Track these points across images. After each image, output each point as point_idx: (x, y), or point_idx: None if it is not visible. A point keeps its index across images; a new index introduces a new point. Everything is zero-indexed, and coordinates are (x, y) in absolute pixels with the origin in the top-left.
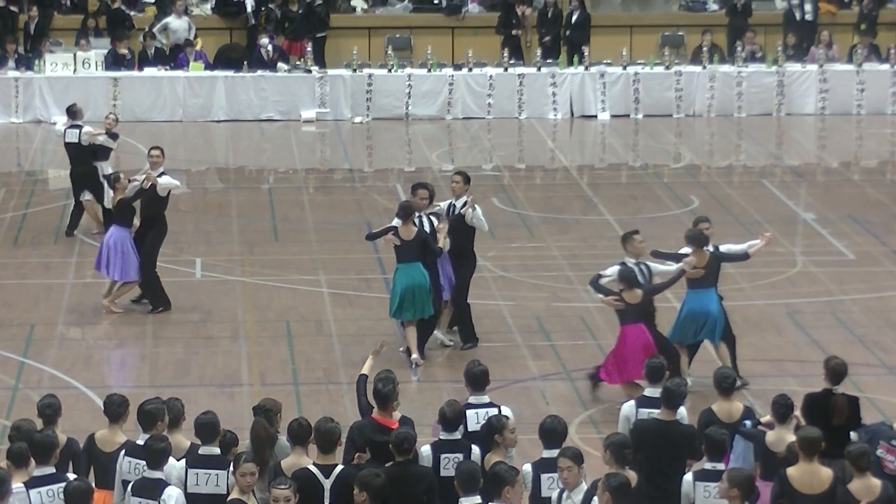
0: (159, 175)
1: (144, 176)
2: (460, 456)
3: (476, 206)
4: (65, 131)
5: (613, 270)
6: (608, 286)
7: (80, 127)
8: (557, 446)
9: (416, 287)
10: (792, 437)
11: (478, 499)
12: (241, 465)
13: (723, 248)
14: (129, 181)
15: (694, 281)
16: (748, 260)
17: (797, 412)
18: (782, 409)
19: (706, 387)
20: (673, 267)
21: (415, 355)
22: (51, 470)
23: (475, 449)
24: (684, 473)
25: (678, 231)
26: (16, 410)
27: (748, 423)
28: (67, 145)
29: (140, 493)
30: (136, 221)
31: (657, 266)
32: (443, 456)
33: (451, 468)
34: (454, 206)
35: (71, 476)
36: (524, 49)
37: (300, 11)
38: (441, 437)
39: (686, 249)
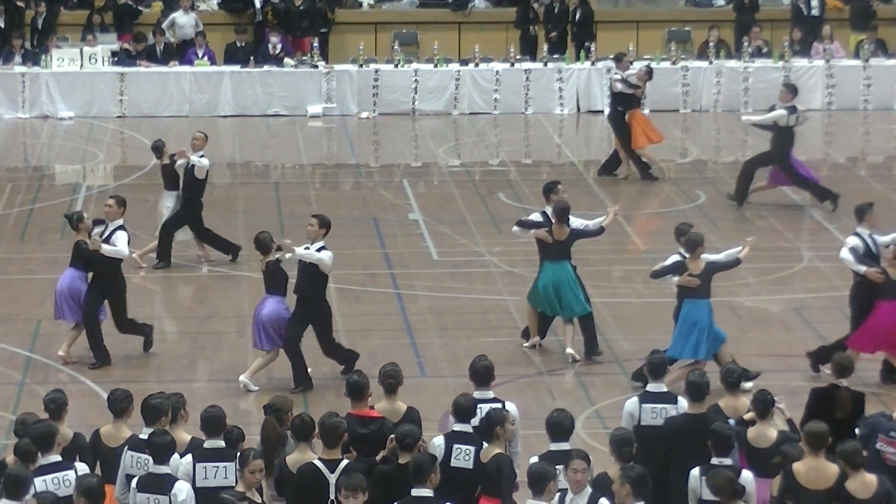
0: (116, 229)
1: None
2: (471, 448)
3: (296, 249)
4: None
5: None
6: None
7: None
8: (565, 440)
9: (563, 283)
10: (773, 433)
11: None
12: (249, 462)
13: (708, 257)
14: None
15: (687, 291)
16: (740, 265)
17: (781, 405)
18: (762, 404)
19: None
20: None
21: (536, 338)
22: (56, 458)
23: (486, 445)
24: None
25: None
26: (22, 405)
27: (731, 420)
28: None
29: (147, 488)
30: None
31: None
32: (455, 447)
33: (461, 459)
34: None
35: (79, 465)
36: (539, 45)
37: (302, 7)
38: (454, 429)
39: (675, 258)
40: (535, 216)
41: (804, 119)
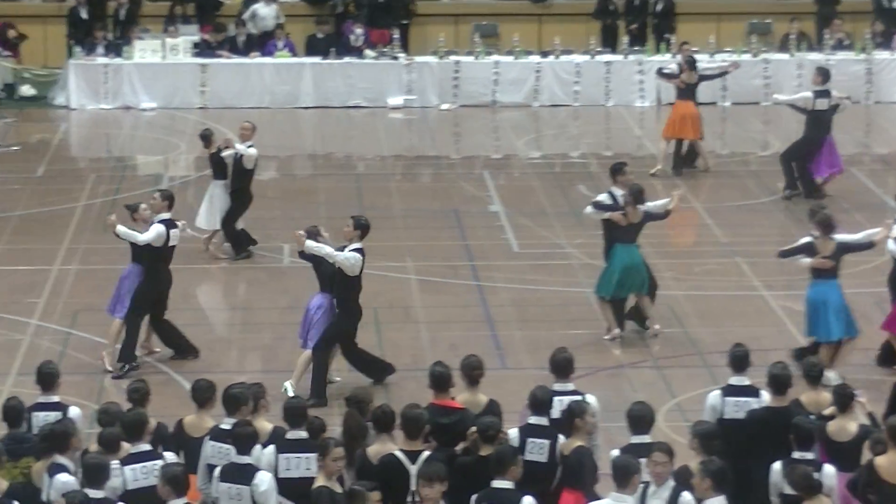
0: (156, 222)
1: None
2: (546, 442)
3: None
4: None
5: None
6: None
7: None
8: (646, 432)
9: (636, 266)
10: (854, 427)
11: (630, 500)
12: (330, 450)
13: (838, 237)
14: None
15: (816, 272)
16: (873, 248)
17: (862, 399)
18: (842, 398)
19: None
20: None
21: (616, 330)
22: (146, 447)
23: (561, 438)
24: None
25: (765, 219)
26: (106, 395)
27: (812, 415)
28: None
29: (230, 478)
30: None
31: None
32: (529, 440)
33: (535, 452)
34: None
35: (168, 455)
36: (619, 37)
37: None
38: (529, 422)
39: (806, 238)
40: (604, 197)
41: (844, 106)
